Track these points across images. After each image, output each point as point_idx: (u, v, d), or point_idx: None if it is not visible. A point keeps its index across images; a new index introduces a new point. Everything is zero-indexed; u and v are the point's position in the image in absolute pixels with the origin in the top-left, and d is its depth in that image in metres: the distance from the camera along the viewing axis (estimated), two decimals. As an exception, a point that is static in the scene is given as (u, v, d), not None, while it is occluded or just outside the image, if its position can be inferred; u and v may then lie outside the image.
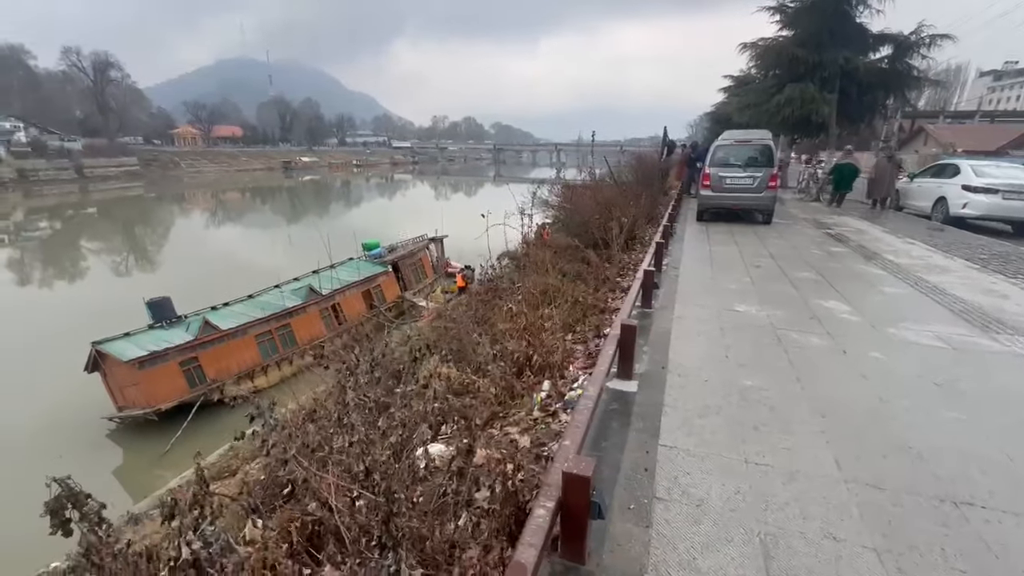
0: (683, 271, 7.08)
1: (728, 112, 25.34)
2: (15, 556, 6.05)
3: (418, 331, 8.05)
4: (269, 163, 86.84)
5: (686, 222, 11.47)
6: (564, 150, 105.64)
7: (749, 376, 3.87)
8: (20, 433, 9.58)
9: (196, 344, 11.14)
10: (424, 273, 19.47)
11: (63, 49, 73.97)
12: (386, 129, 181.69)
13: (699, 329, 4.87)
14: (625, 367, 3.57)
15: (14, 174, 52.89)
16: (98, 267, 26.20)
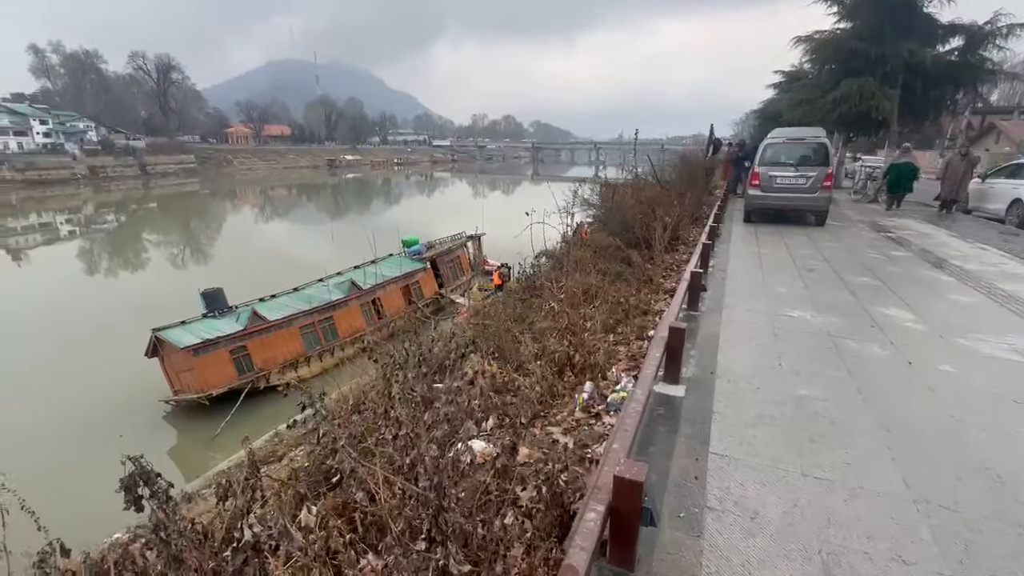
0: (731, 274, 6.80)
1: (778, 109, 24.30)
2: (81, 525, 6.53)
3: (458, 327, 8.13)
4: (315, 161, 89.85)
5: (732, 223, 11.04)
6: (603, 149, 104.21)
7: (804, 385, 3.69)
8: (87, 412, 10.28)
9: (245, 334, 11.62)
10: (462, 270, 19.65)
11: (130, 54, 79.09)
12: (427, 128, 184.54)
13: (749, 334, 4.66)
14: (672, 371, 3.47)
15: (86, 171, 56.99)
16: (158, 258, 27.89)
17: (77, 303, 17.85)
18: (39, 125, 62.03)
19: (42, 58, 74.30)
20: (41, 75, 74.94)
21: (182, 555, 1.81)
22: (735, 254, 8.11)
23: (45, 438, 9.35)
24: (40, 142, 60.95)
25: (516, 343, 4.59)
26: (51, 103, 69.11)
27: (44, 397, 10.80)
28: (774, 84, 26.66)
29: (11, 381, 11.48)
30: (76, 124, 66.06)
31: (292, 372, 12.23)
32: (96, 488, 7.86)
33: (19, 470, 8.37)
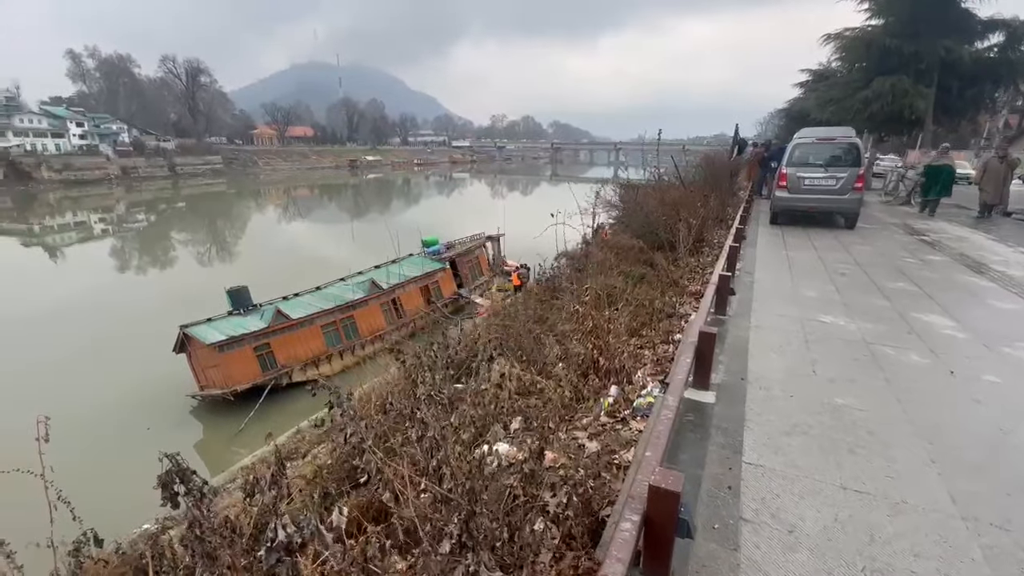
0: (759, 277, 6.62)
1: (804, 108, 23.77)
2: (110, 515, 6.71)
3: (477, 327, 8.13)
4: (337, 161, 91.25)
5: (758, 225, 10.76)
6: (624, 149, 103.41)
7: (841, 394, 3.56)
8: (118, 405, 10.60)
9: (269, 331, 11.83)
10: (481, 271, 19.70)
11: (161, 57, 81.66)
12: (446, 128, 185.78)
13: (780, 340, 4.52)
14: (702, 377, 3.39)
15: (118, 171, 58.98)
16: (186, 256, 28.69)
17: (110, 299, 18.44)
18: (75, 127, 64.41)
19: (79, 62, 77.17)
20: (78, 79, 77.84)
21: (216, 552, 1.82)
22: (762, 257, 7.90)
23: (77, 430, 9.64)
24: (76, 144, 63.27)
25: (539, 344, 4.56)
26: (87, 106, 71.72)
27: (77, 390, 11.17)
28: (800, 83, 26.10)
29: (48, 374, 11.92)
30: (110, 126, 68.42)
31: (314, 369, 12.41)
32: (124, 479, 8.11)
33: (52, 460, 8.66)
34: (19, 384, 11.31)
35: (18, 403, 10.28)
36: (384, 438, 2.96)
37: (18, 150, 54.43)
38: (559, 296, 6.51)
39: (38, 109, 63.86)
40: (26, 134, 58.66)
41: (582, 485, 2.32)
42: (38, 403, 10.24)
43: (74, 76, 77.40)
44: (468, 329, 8.41)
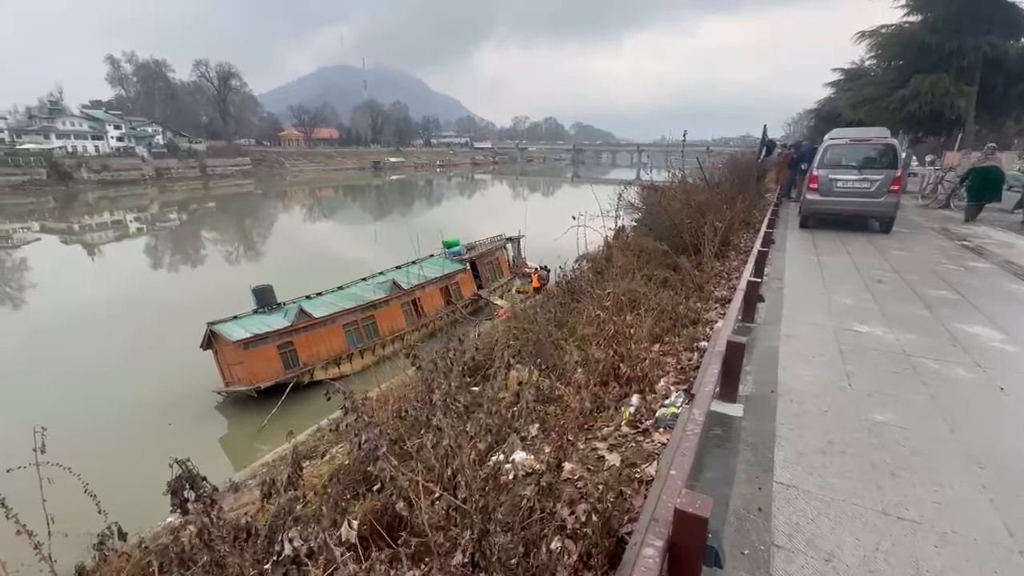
0: (788, 283, 6.33)
1: (836, 108, 23.07)
2: (135, 507, 6.85)
3: (496, 328, 8.06)
4: (360, 163, 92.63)
5: (787, 228, 10.43)
6: (647, 151, 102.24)
7: (880, 410, 3.34)
8: (148, 398, 10.89)
9: (292, 329, 11.99)
10: (501, 272, 19.66)
11: (195, 62, 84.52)
12: (469, 130, 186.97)
13: (812, 350, 4.29)
14: (728, 388, 3.21)
15: (153, 172, 61.12)
16: (215, 255, 29.52)
17: (145, 295, 19.07)
18: (113, 130, 67.17)
19: (117, 67, 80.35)
20: (116, 83, 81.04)
21: (224, 560, 1.78)
22: (792, 262, 7.56)
23: (108, 422, 9.95)
24: (114, 145, 65.95)
25: (558, 349, 4.45)
26: (124, 109, 74.66)
27: (113, 382, 11.59)
28: (832, 82, 25.36)
29: (88, 365, 12.43)
30: (145, 129, 71.07)
31: (335, 368, 12.54)
32: (149, 472, 8.27)
33: (81, 451, 8.95)
34: (62, 377, 11.78)
35: (60, 396, 10.82)
36: (399, 442, 2.90)
37: (60, 152, 56.95)
38: (579, 299, 6.39)
39: (79, 112, 66.81)
40: (68, 136, 61.53)
41: (602, 501, 2.21)
42: (79, 395, 10.66)
43: (113, 80, 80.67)
44: (486, 331, 8.37)
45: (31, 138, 58.96)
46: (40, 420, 8.54)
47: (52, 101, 65.96)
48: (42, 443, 2.43)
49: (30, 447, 2.94)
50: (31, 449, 2.80)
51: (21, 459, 3.13)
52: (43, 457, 3.02)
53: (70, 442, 9.18)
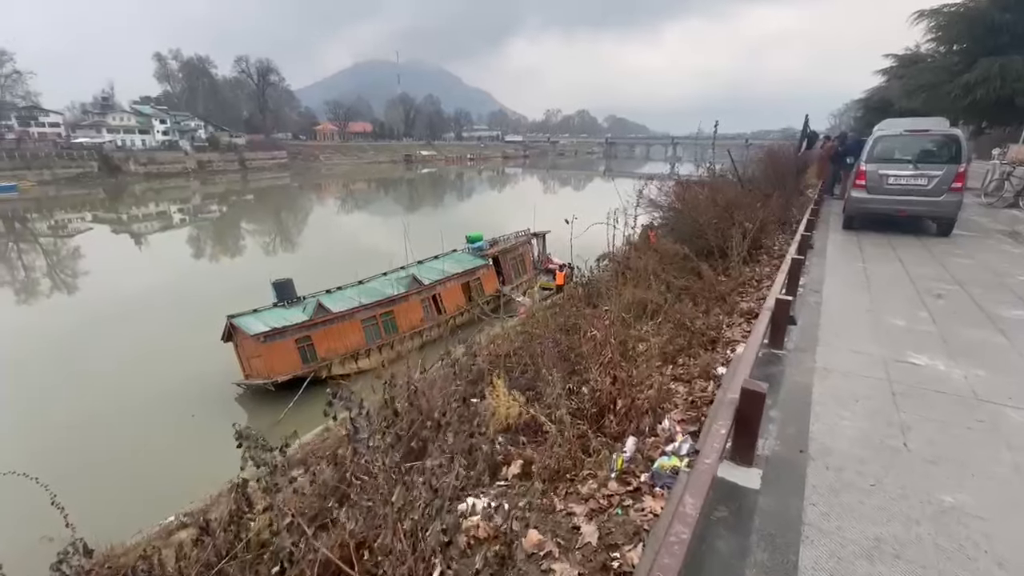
0: (827, 297, 5.43)
1: (887, 97, 21.46)
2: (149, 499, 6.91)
3: (506, 334, 7.71)
4: (392, 156, 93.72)
5: (828, 230, 9.50)
6: (681, 143, 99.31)
7: (948, 485, 2.51)
8: (174, 388, 11.14)
9: (310, 324, 11.99)
10: (524, 268, 19.28)
11: (236, 58, 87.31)
12: (500, 124, 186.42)
13: (856, 390, 3.45)
14: (743, 447, 2.52)
15: (195, 165, 63.59)
16: (252, 246, 30.41)
17: (182, 284, 19.76)
18: (159, 124, 70.40)
19: (164, 64, 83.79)
20: (163, 80, 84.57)
21: None
22: (833, 270, 6.65)
23: (137, 410, 10.24)
24: (159, 140, 69.10)
25: (563, 361, 4.03)
26: (170, 104, 77.99)
27: (143, 370, 11.97)
28: (883, 70, 23.60)
29: (121, 354, 12.90)
30: (189, 123, 74.10)
31: (353, 364, 12.50)
32: (173, 460, 8.31)
33: (108, 438, 9.09)
34: (102, 363, 12.43)
35: (100, 382, 11.49)
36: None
37: (110, 146, 59.95)
38: (596, 304, 5.94)
39: (128, 108, 70.21)
40: (118, 131, 64.90)
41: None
42: (116, 381, 10.96)
43: (160, 77, 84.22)
44: (498, 334, 8.03)
45: (84, 133, 62.36)
46: (82, 406, 8.79)
47: (104, 98, 69.53)
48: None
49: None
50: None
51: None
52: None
53: (105, 430, 9.54)
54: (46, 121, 62.12)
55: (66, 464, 8.52)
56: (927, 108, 14.73)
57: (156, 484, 7.45)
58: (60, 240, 30.80)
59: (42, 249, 28.33)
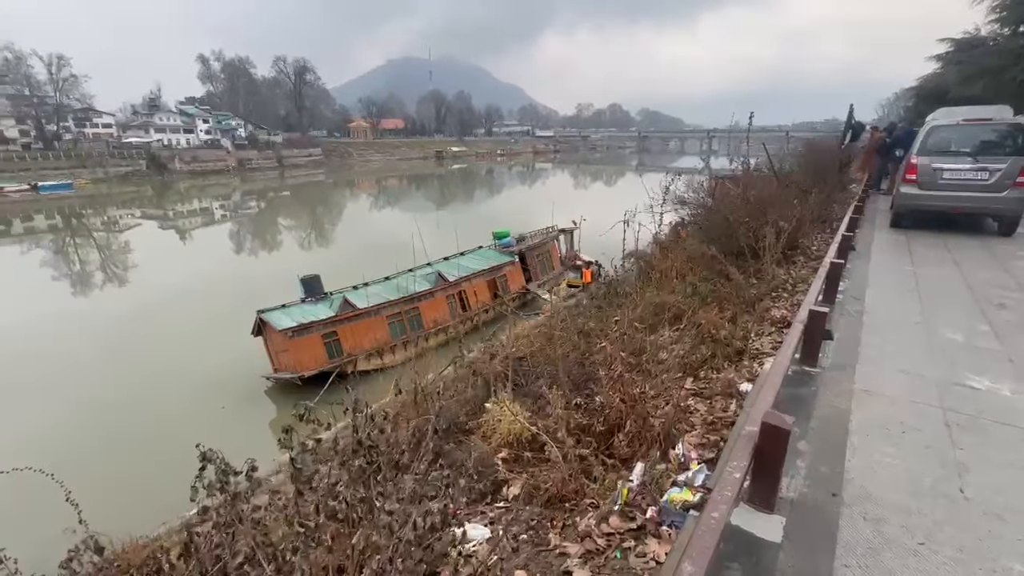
0: (871, 306, 4.79)
1: (943, 85, 19.96)
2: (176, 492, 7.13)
3: (528, 337, 7.55)
4: (424, 152, 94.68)
5: (874, 228, 8.79)
6: (717, 137, 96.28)
7: (1018, 549, 2.05)
8: (208, 380, 11.54)
9: (336, 320, 12.15)
10: (551, 265, 19.06)
11: (274, 58, 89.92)
12: (531, 118, 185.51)
13: (902, 420, 2.94)
14: (764, 487, 2.13)
15: (235, 163, 66.01)
16: (288, 241, 31.38)
17: (220, 277, 20.56)
18: (202, 124, 73.55)
19: (207, 65, 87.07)
20: (206, 80, 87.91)
21: None
22: (878, 275, 5.96)
23: (172, 401, 10.65)
24: (202, 138, 72.15)
25: (580, 367, 3.84)
26: (212, 104, 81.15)
27: (180, 361, 12.47)
28: (938, 55, 21.93)
29: (161, 346, 13.51)
30: (230, 122, 77.02)
31: (378, 359, 12.61)
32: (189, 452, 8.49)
33: (143, 425, 9.44)
34: (143, 355, 13.05)
35: (141, 371, 12.02)
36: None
37: (157, 144, 62.88)
38: (620, 305, 5.70)
39: (175, 108, 73.51)
40: (164, 131, 68.16)
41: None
42: (154, 368, 11.49)
43: (203, 78, 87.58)
44: (521, 332, 7.89)
45: (134, 133, 65.68)
46: (122, 393, 9.18)
47: (152, 99, 72.93)
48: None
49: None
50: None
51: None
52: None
53: (141, 418, 9.96)
54: (99, 122, 65.73)
55: (102, 449, 8.95)
56: (988, 95, 13.58)
57: (186, 473, 7.72)
58: (111, 235, 32.53)
59: (96, 243, 29.99)
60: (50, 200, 44.35)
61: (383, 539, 1.45)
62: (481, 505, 2.55)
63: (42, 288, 20.61)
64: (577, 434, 2.63)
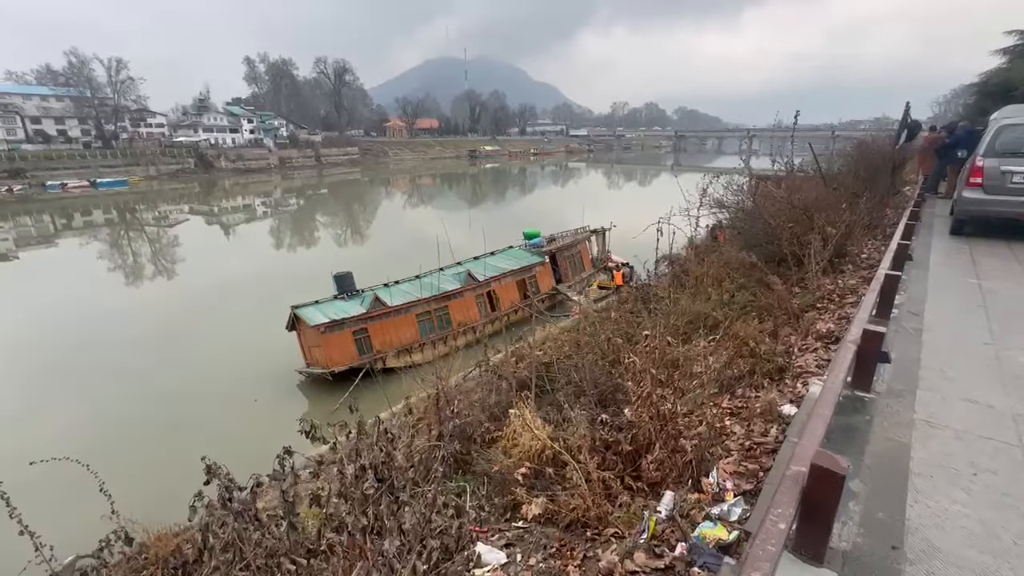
0: (930, 323, 4.32)
1: (1010, 80, 18.52)
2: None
3: (556, 340, 7.40)
4: (457, 151, 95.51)
5: (932, 236, 8.16)
6: (758, 136, 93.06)
7: None
8: (244, 373, 11.92)
9: (367, 317, 12.32)
10: (582, 266, 18.85)
11: (315, 59, 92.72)
12: (565, 117, 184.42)
13: (972, 458, 2.58)
14: (812, 538, 1.87)
15: (277, 161, 68.38)
16: (325, 237, 32.27)
17: (261, 272, 21.29)
18: (246, 123, 76.61)
19: (253, 67, 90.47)
20: (252, 81, 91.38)
21: None
22: (938, 288, 5.42)
23: (210, 393, 11.04)
24: (246, 138, 75.08)
25: (608, 377, 3.67)
26: (256, 105, 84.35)
27: (216, 355, 12.94)
28: (1003, 49, 20.39)
29: (198, 335, 14.17)
30: (272, 122, 79.95)
31: (407, 357, 12.70)
32: (230, 440, 8.78)
33: (182, 413, 9.77)
34: (184, 342, 13.71)
35: (178, 359, 12.60)
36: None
37: (205, 143, 65.82)
38: (652, 311, 5.48)
39: (222, 109, 76.79)
40: (211, 130, 71.43)
41: None
42: (195, 357, 11.98)
43: (249, 79, 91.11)
44: (550, 334, 7.75)
45: (183, 132, 68.99)
46: (165, 384, 9.55)
47: (200, 99, 76.36)
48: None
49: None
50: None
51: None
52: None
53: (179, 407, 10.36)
54: (152, 122, 69.44)
55: (140, 436, 9.35)
56: (1065, 91, 12.48)
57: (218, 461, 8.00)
58: (161, 230, 34.21)
59: (147, 237, 31.62)
60: (107, 196, 47.13)
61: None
62: (498, 523, 2.43)
63: (98, 280, 21.85)
64: (601, 452, 2.47)
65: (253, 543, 1.57)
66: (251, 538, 1.60)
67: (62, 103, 61.38)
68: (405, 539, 1.42)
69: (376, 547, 1.44)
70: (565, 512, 2.26)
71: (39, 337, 14.11)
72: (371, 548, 1.44)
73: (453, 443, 2.33)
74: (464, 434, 3.49)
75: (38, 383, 11.56)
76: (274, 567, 1.49)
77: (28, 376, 11.94)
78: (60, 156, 52.42)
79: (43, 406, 10.52)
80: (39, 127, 58.70)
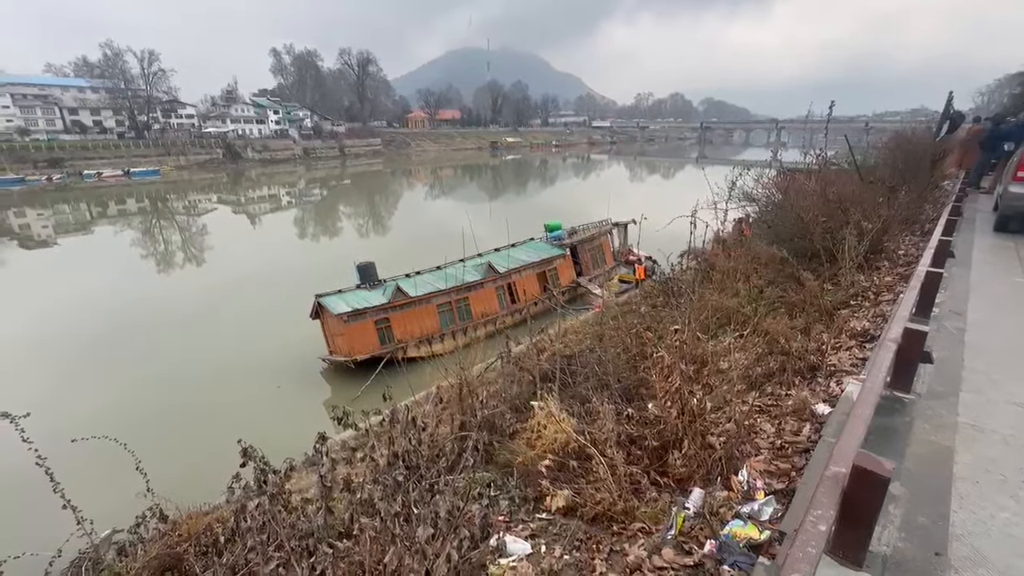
0: (974, 322, 4.17)
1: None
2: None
3: (578, 333, 7.36)
4: (478, 143, 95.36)
5: (974, 233, 7.77)
6: (787, 128, 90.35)
7: None
8: (270, 360, 12.16)
9: (388, 307, 12.44)
10: (604, 259, 18.65)
11: (340, 51, 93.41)
12: (588, 108, 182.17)
13: (1020, 463, 2.49)
14: (852, 541, 1.81)
15: (301, 152, 69.42)
16: (348, 227, 32.75)
17: (285, 262, 21.74)
18: (272, 115, 77.86)
19: (279, 59, 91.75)
20: (277, 73, 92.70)
21: None
22: (981, 286, 5.22)
23: (235, 378, 11.34)
24: (272, 129, 76.40)
25: (632, 370, 3.62)
26: (282, 96, 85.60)
27: (242, 341, 13.27)
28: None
29: (226, 321, 14.65)
30: (297, 113, 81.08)
31: (427, 347, 12.80)
32: (258, 424, 8.97)
33: (211, 396, 10.03)
34: (212, 328, 14.25)
35: (211, 345, 13.03)
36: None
37: (232, 134, 67.21)
38: (676, 306, 5.39)
39: (248, 100, 78.18)
40: (239, 121, 72.86)
41: None
42: (223, 343, 12.30)
43: (275, 71, 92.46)
44: (570, 327, 7.70)
45: (212, 123, 70.59)
46: (193, 370, 9.87)
47: (229, 91, 77.89)
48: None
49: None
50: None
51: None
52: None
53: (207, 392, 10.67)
54: (183, 113, 71.21)
55: (171, 420, 9.65)
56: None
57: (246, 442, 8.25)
58: (191, 218, 35.19)
59: (177, 226, 32.58)
60: (140, 185, 48.65)
61: (415, 563, 1.36)
62: (522, 514, 2.43)
63: (130, 267, 22.60)
64: (627, 446, 2.44)
65: (287, 525, 1.61)
66: (284, 520, 1.64)
67: (97, 94, 63.37)
68: (438, 526, 1.43)
69: (405, 532, 1.45)
70: (590, 505, 2.24)
71: (74, 323, 14.68)
72: (401, 534, 1.46)
73: (482, 433, 2.34)
74: (491, 424, 3.50)
75: (72, 368, 12.02)
76: (306, 549, 1.52)
77: (62, 362, 12.43)
78: (96, 146, 54.28)
79: (76, 390, 10.96)
80: (76, 118, 60.82)
